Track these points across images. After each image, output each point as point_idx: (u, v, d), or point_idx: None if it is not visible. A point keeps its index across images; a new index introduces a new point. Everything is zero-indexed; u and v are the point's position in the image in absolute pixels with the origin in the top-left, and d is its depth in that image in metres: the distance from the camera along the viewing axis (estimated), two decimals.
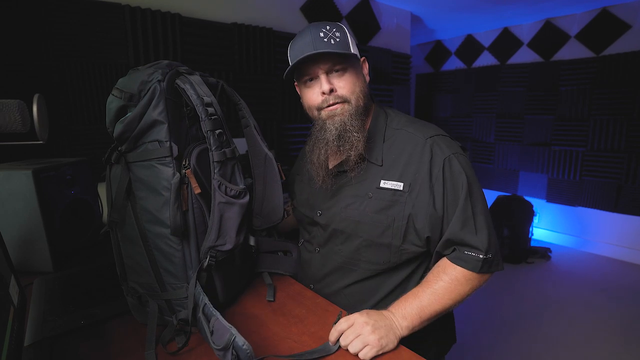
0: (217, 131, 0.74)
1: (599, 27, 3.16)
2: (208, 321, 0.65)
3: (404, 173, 0.83)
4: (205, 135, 0.73)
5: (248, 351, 0.57)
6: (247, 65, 2.22)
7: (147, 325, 0.70)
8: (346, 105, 0.84)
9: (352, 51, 0.83)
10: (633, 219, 3.16)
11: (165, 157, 0.69)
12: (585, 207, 3.43)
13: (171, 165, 0.69)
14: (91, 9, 1.63)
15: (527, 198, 3.43)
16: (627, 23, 3.01)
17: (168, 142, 0.69)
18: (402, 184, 0.82)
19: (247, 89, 2.25)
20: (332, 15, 2.65)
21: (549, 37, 3.47)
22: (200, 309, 0.67)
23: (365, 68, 0.90)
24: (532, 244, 3.40)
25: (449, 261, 0.80)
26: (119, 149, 0.71)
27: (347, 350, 0.67)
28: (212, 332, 0.62)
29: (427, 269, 0.88)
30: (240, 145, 0.86)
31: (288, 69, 0.85)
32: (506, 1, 2.93)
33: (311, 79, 0.86)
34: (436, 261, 0.85)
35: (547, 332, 2.20)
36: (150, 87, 0.69)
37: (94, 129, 1.68)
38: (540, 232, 3.75)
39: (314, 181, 0.92)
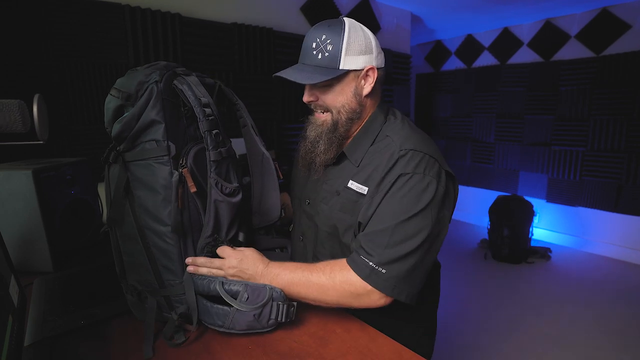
0: (214, 131, 0.76)
1: (599, 27, 3.16)
2: (234, 296, 0.71)
3: (370, 179, 0.82)
4: (202, 135, 0.75)
5: (283, 294, 0.72)
6: (247, 65, 2.22)
7: (146, 321, 0.71)
8: (328, 117, 0.87)
9: (342, 66, 0.80)
10: (633, 219, 3.16)
11: (162, 156, 0.70)
12: (585, 207, 3.43)
13: (168, 164, 0.71)
14: (91, 9, 1.63)
15: (527, 198, 3.43)
16: (627, 23, 3.01)
17: (165, 142, 0.70)
18: (367, 189, 0.82)
19: (247, 89, 2.25)
20: (332, 15, 2.65)
21: (549, 37, 3.47)
22: (219, 288, 0.71)
23: (370, 77, 0.85)
24: (532, 244, 3.40)
25: (345, 262, 0.77)
26: (117, 148, 0.72)
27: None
28: (247, 298, 0.70)
29: None
30: (238, 145, 0.87)
31: (274, 75, 0.87)
32: (506, 1, 2.93)
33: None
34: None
35: (547, 332, 2.20)
36: (147, 88, 0.70)
37: (94, 129, 1.69)
38: (540, 232, 3.75)
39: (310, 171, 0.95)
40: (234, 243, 0.85)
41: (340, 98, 0.84)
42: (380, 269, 0.73)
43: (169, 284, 0.74)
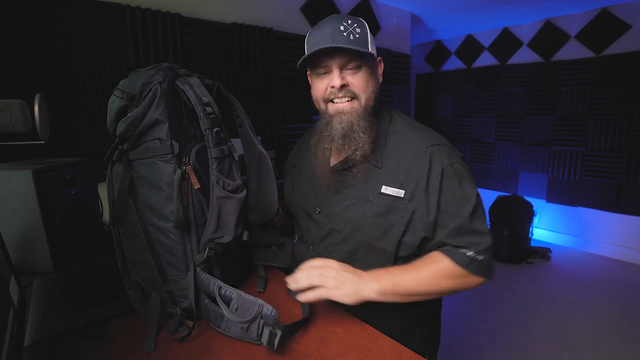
0: (215, 129, 0.77)
1: (599, 27, 3.16)
2: (227, 303, 0.70)
3: (405, 181, 0.82)
4: (203, 133, 0.76)
5: (276, 317, 0.67)
6: (247, 65, 2.22)
7: (149, 316, 0.72)
8: (355, 104, 0.83)
9: (370, 49, 0.81)
10: (633, 219, 3.16)
11: (166, 154, 0.72)
12: (585, 207, 3.43)
13: (172, 162, 0.72)
14: (91, 9, 1.63)
15: (527, 198, 3.43)
16: (627, 23, 3.01)
17: (169, 140, 0.72)
18: (403, 192, 0.82)
19: (247, 89, 2.25)
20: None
21: (549, 37, 3.47)
22: (216, 292, 0.71)
23: (380, 68, 0.89)
24: (532, 244, 3.40)
25: (439, 252, 0.80)
26: (120, 147, 0.73)
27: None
28: (236, 309, 0.69)
29: None
30: (236, 145, 0.88)
31: (302, 58, 0.83)
32: (506, 1, 2.93)
33: (325, 72, 0.84)
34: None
35: (547, 332, 2.20)
36: (151, 88, 0.71)
37: (94, 129, 1.68)
38: (540, 232, 3.75)
39: (317, 177, 0.92)
40: (241, 242, 0.86)
41: (370, 81, 0.84)
42: (477, 257, 0.78)
43: (172, 279, 0.75)
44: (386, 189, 0.83)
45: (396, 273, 0.77)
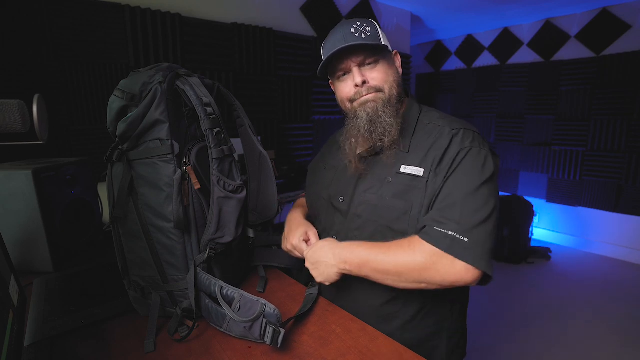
0: (216, 130, 0.77)
1: (599, 27, 3.16)
2: (229, 303, 0.70)
3: (424, 159, 0.81)
4: (204, 133, 0.76)
5: (278, 315, 0.68)
6: (247, 65, 2.22)
7: (149, 316, 0.72)
8: (380, 94, 0.84)
9: (383, 43, 0.83)
10: (633, 219, 3.16)
11: (166, 154, 0.72)
12: (585, 207, 3.43)
13: (172, 162, 0.72)
14: (91, 9, 1.64)
15: (527, 198, 3.43)
16: (627, 23, 3.01)
17: (169, 141, 0.72)
18: (422, 170, 0.80)
19: (247, 89, 2.25)
20: (332, 15, 2.65)
21: (549, 37, 3.47)
22: (218, 292, 0.71)
23: (398, 61, 0.90)
24: (532, 244, 3.40)
25: (417, 238, 0.74)
26: (120, 147, 0.73)
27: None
28: (239, 309, 0.69)
29: None
30: (236, 145, 0.88)
31: (321, 64, 0.85)
32: (506, 1, 2.93)
33: (344, 74, 0.86)
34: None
35: (547, 332, 2.20)
36: (151, 88, 0.71)
37: (94, 129, 1.69)
38: (540, 232, 3.75)
39: (343, 166, 0.92)
40: (242, 241, 0.86)
41: (390, 72, 0.85)
42: (461, 237, 0.70)
43: (172, 279, 0.76)
44: (405, 168, 0.82)
45: (366, 251, 0.77)
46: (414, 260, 0.72)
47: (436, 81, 4.52)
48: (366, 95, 0.84)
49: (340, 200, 0.91)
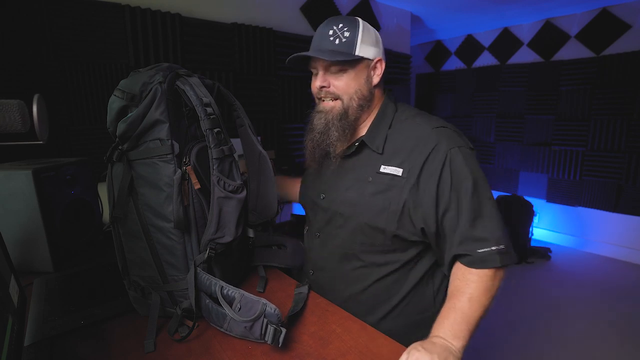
0: (216, 130, 0.77)
1: (599, 27, 3.16)
2: (230, 302, 0.70)
3: (405, 160, 0.84)
4: (204, 133, 0.76)
5: (279, 315, 0.67)
6: (247, 65, 2.22)
7: (149, 316, 0.72)
8: (337, 104, 0.88)
9: (357, 52, 0.85)
10: (633, 219, 3.16)
11: (166, 154, 0.72)
12: (585, 207, 3.42)
13: (172, 162, 0.72)
14: (91, 9, 1.63)
15: (527, 198, 3.43)
16: (627, 23, 3.01)
17: (169, 141, 0.72)
18: (401, 170, 0.84)
19: (247, 89, 2.25)
20: (332, 15, 2.65)
21: (549, 37, 3.47)
22: (218, 292, 0.71)
23: (379, 69, 0.90)
24: (532, 244, 3.40)
25: (473, 273, 0.79)
26: (120, 147, 0.73)
27: None
28: (239, 308, 0.69)
29: (432, 266, 0.90)
30: (236, 145, 0.88)
31: (289, 58, 0.89)
32: (506, 1, 2.93)
33: (316, 72, 0.91)
34: (450, 264, 0.83)
35: (547, 332, 2.20)
36: (151, 88, 0.71)
37: (94, 129, 1.68)
38: (540, 232, 3.75)
39: (327, 167, 0.95)
40: (242, 241, 0.86)
41: (353, 84, 0.87)
42: (500, 247, 0.78)
43: (172, 279, 0.76)
44: (384, 168, 0.86)
45: (457, 313, 0.75)
46: (491, 291, 0.80)
47: (436, 81, 4.52)
48: (324, 101, 0.90)
49: (322, 198, 0.96)
